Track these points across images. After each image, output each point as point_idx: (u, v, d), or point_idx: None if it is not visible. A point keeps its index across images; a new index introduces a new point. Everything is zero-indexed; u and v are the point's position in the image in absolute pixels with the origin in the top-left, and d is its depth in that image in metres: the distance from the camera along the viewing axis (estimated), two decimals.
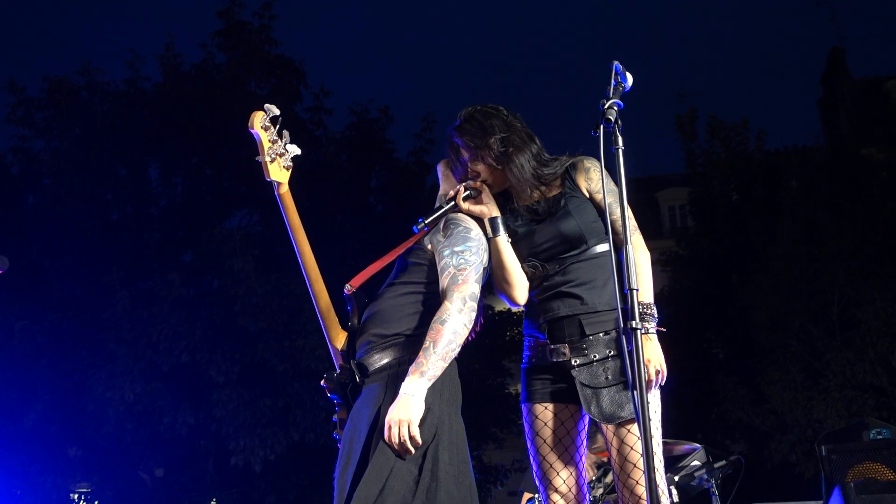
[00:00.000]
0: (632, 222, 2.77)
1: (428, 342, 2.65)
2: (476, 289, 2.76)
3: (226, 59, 16.13)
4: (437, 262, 2.83)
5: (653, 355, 2.81)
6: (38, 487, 14.12)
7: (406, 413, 2.57)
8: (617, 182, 2.53)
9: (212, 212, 15.74)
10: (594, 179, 2.99)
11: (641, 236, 2.96)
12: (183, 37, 16.41)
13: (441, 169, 3.19)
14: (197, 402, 13.65)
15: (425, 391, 2.61)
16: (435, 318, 2.69)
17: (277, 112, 2.72)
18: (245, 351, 13.56)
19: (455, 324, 2.67)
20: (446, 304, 2.70)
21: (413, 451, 2.58)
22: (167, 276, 13.73)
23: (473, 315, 2.73)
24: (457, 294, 2.70)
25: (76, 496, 15.68)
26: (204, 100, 15.47)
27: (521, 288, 3.00)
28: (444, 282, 2.76)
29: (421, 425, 2.59)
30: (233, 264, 13.52)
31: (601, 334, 2.89)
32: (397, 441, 2.57)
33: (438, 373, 2.64)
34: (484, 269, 2.86)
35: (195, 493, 14.97)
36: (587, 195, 3.02)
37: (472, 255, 2.79)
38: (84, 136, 14.92)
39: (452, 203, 2.96)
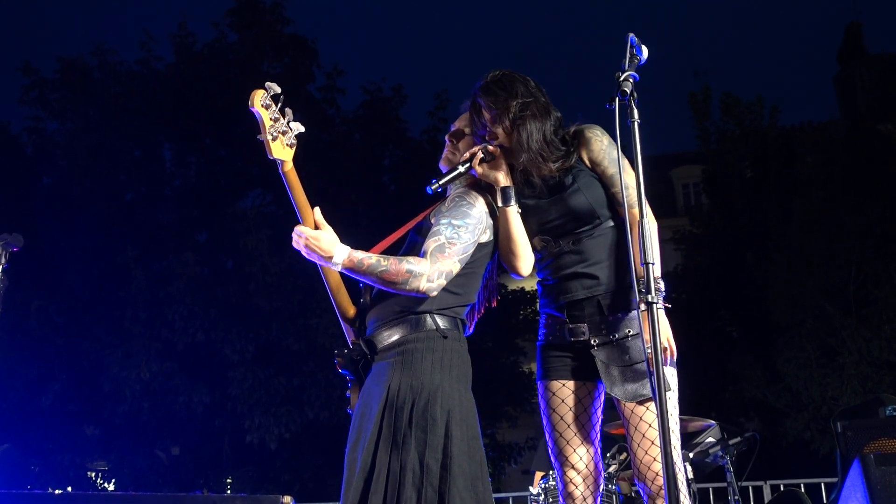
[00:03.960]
0: (630, 191, 2.72)
1: (385, 263, 2.65)
2: (455, 269, 2.73)
3: (238, 39, 16.11)
4: (432, 226, 2.79)
5: (661, 331, 2.78)
6: (55, 466, 14.26)
7: (315, 242, 2.64)
8: (633, 155, 2.50)
9: (226, 191, 15.78)
10: (594, 150, 2.93)
11: (648, 206, 2.90)
12: (195, 16, 16.40)
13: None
14: (212, 381, 13.75)
15: (339, 258, 2.64)
16: (407, 260, 2.67)
17: (279, 90, 2.67)
18: (259, 330, 13.63)
19: (415, 282, 2.65)
20: (425, 263, 2.67)
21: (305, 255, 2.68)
22: (182, 256, 13.79)
23: (434, 294, 2.70)
24: (438, 264, 2.68)
25: (93, 474, 15.83)
26: (216, 80, 15.47)
27: (526, 259, 2.97)
28: (429, 244, 2.72)
29: (433, 404, 2.61)
30: (247, 243, 13.58)
31: (619, 314, 2.88)
32: (299, 241, 2.66)
33: (352, 272, 2.68)
34: (481, 246, 2.84)
35: (211, 471, 15.09)
36: (589, 166, 2.96)
37: (466, 233, 2.76)
38: (98, 117, 14.96)
39: (468, 164, 2.91)
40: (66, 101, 15.34)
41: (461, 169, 2.90)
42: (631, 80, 2.47)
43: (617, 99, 2.45)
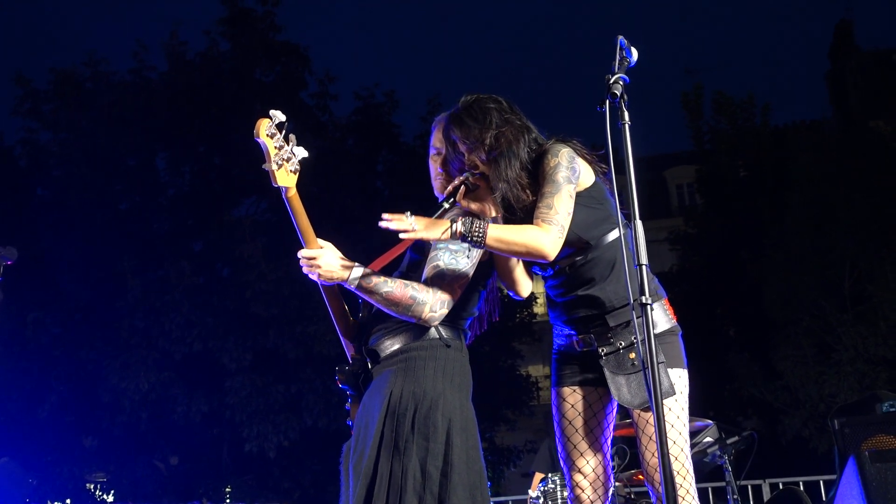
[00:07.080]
0: (551, 212, 2.71)
1: (391, 284, 2.68)
2: (457, 295, 2.74)
3: (230, 47, 16.10)
4: (429, 251, 2.79)
5: None
6: (53, 477, 14.23)
7: (329, 270, 2.68)
8: (624, 157, 2.48)
9: (220, 200, 15.76)
10: (542, 170, 2.83)
11: (552, 227, 2.73)
12: (187, 25, 16.40)
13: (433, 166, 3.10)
14: (210, 390, 13.72)
15: (353, 280, 2.68)
16: (412, 286, 2.69)
17: (283, 118, 2.66)
18: (257, 338, 13.61)
19: (418, 309, 2.67)
20: (429, 291, 2.69)
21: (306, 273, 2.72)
22: (178, 265, 13.77)
23: (436, 324, 2.72)
24: (440, 293, 2.70)
25: (92, 486, 15.80)
26: (209, 88, 15.47)
27: (523, 284, 3.01)
28: (428, 271, 2.74)
29: (435, 411, 2.62)
30: (243, 251, 13.56)
31: (625, 323, 2.89)
32: (305, 264, 2.70)
33: (363, 291, 2.70)
34: (481, 264, 2.83)
35: (210, 481, 15.07)
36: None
37: (463, 258, 2.76)
38: (92, 128, 14.94)
39: (452, 199, 2.87)
40: (60, 112, 15.32)
41: (446, 206, 2.85)
42: (621, 83, 2.46)
43: (607, 102, 2.45)
